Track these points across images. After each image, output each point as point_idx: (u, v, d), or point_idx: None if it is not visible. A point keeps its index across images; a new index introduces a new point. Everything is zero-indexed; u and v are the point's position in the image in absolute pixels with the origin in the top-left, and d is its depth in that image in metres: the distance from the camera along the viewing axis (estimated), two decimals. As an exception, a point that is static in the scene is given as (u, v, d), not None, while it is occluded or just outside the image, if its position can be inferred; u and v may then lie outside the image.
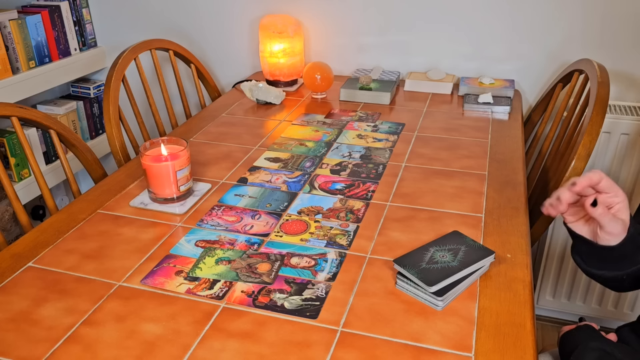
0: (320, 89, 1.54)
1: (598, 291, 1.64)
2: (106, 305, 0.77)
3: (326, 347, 0.69)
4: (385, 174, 1.13)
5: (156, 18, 1.90)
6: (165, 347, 0.70)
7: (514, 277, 0.82)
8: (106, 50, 2.01)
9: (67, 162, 1.22)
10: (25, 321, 0.74)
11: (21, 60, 1.67)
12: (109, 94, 1.37)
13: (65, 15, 1.82)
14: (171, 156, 1.00)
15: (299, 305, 0.77)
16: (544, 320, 1.79)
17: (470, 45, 1.66)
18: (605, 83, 1.23)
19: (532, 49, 1.61)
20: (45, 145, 1.79)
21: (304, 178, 1.12)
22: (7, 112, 1.12)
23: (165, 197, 1.01)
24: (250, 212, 0.99)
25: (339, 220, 0.97)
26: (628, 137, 1.49)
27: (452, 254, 0.82)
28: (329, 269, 0.84)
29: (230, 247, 0.90)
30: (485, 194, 1.05)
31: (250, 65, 1.89)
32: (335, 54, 1.79)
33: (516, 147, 1.25)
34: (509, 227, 0.94)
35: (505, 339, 0.70)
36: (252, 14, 1.81)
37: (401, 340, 0.71)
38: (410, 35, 1.70)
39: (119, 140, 1.34)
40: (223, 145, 1.27)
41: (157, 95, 1.90)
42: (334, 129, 1.35)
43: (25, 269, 0.85)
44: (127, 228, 0.96)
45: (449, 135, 1.32)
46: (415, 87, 1.62)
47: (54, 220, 0.98)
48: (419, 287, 0.77)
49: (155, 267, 0.85)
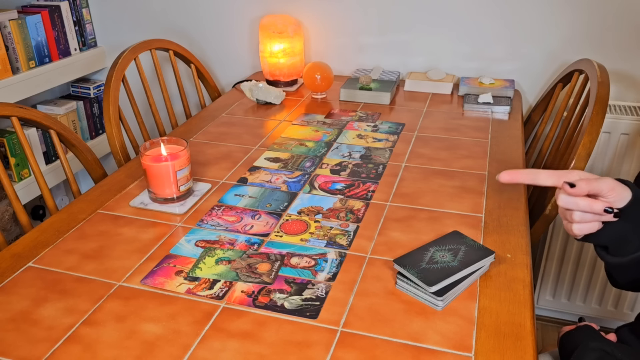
0: (320, 89, 1.55)
1: (598, 291, 1.64)
2: (106, 305, 0.77)
3: (326, 347, 0.69)
4: (385, 174, 1.13)
5: (156, 18, 1.90)
6: (165, 347, 0.70)
7: (514, 277, 0.82)
8: (106, 50, 2.01)
9: (67, 162, 1.22)
10: (25, 321, 0.74)
11: (21, 60, 1.67)
12: (109, 94, 1.37)
13: (65, 15, 1.82)
14: (171, 156, 1.00)
15: (299, 305, 0.77)
16: (544, 320, 1.79)
17: (470, 45, 1.66)
18: (605, 83, 1.23)
19: (532, 49, 1.61)
20: (45, 145, 1.80)
21: (304, 178, 1.12)
22: (7, 112, 1.12)
23: (165, 197, 1.01)
24: (250, 212, 0.99)
25: (339, 220, 0.97)
26: (628, 137, 1.49)
27: (452, 254, 0.82)
28: (329, 269, 0.84)
29: (230, 247, 0.90)
30: (485, 194, 1.05)
31: (250, 65, 1.89)
32: (335, 54, 1.79)
33: (516, 147, 1.25)
34: (509, 227, 0.94)
35: (505, 339, 0.70)
36: (252, 14, 1.81)
37: (401, 340, 0.71)
38: (410, 35, 1.70)
39: (119, 140, 1.34)
40: (223, 145, 1.27)
41: (157, 95, 1.90)
42: (334, 129, 1.35)
43: (25, 269, 0.85)
44: (127, 228, 0.96)
45: (449, 135, 1.32)
46: (415, 87, 1.62)
47: (54, 220, 0.98)
48: (419, 287, 0.77)
49: (155, 267, 0.85)
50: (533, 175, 0.76)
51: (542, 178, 0.76)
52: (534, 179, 0.76)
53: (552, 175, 0.75)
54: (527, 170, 0.77)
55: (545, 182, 0.76)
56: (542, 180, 0.76)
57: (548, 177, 0.75)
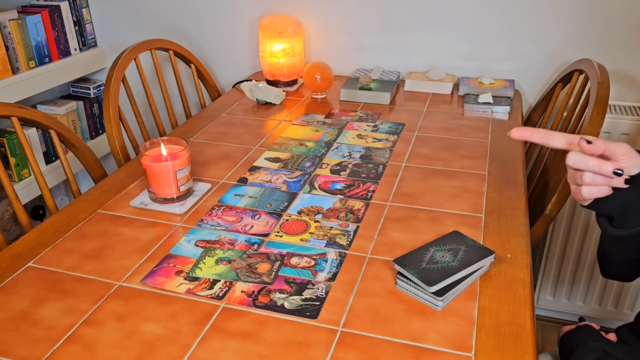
0: (320, 89, 1.55)
1: (598, 291, 1.64)
2: (106, 305, 0.77)
3: (326, 347, 0.69)
4: (385, 174, 1.13)
5: (156, 18, 1.90)
6: (165, 347, 0.70)
7: (514, 277, 0.82)
8: (106, 50, 2.01)
9: (67, 162, 1.22)
10: (25, 321, 0.74)
11: (21, 60, 1.67)
12: (109, 94, 1.37)
13: (65, 15, 1.82)
14: (171, 156, 1.00)
15: (299, 305, 0.77)
16: (544, 320, 1.79)
17: (470, 45, 1.66)
18: (605, 83, 1.23)
19: (532, 49, 1.61)
20: (45, 145, 1.80)
21: (304, 178, 1.12)
22: (7, 112, 1.12)
23: (165, 197, 1.01)
24: (250, 212, 0.99)
25: (339, 220, 0.97)
26: (628, 137, 1.49)
27: (452, 254, 0.82)
28: (329, 269, 0.84)
29: (230, 247, 0.90)
30: (485, 194, 1.05)
31: (250, 65, 1.89)
32: (335, 54, 1.79)
33: (516, 147, 1.25)
34: (509, 227, 0.94)
35: (505, 339, 0.70)
36: (252, 14, 1.81)
37: (401, 340, 0.71)
38: (410, 35, 1.70)
39: (119, 140, 1.34)
40: (223, 145, 1.27)
41: (157, 95, 1.90)
42: (334, 129, 1.35)
43: (25, 269, 0.85)
44: (127, 228, 0.96)
45: (449, 135, 1.32)
46: (415, 87, 1.62)
47: (54, 220, 0.98)
48: (419, 287, 0.77)
49: (155, 267, 0.85)
50: (545, 135, 0.74)
51: (556, 138, 0.73)
52: (546, 139, 0.74)
53: (565, 136, 0.73)
54: (540, 129, 0.76)
55: (558, 144, 0.73)
56: (555, 140, 0.73)
57: (561, 137, 0.73)
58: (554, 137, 0.74)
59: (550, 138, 0.74)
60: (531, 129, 0.75)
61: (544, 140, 0.75)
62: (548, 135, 0.74)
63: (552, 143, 0.74)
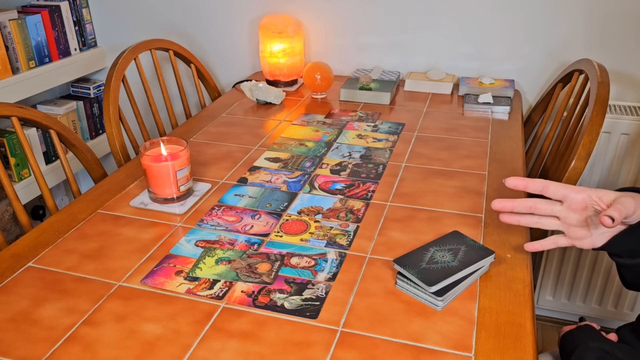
0: (320, 89, 1.55)
1: (598, 291, 1.64)
2: (106, 305, 0.77)
3: (326, 347, 0.69)
4: (385, 174, 1.13)
5: (156, 18, 1.90)
6: (165, 347, 0.70)
7: (514, 277, 0.82)
8: (106, 50, 2.01)
9: (67, 162, 1.22)
10: (25, 321, 0.74)
11: (21, 60, 1.67)
12: (109, 94, 1.37)
13: (65, 15, 1.82)
14: (171, 156, 1.00)
15: (299, 305, 0.77)
16: (544, 320, 1.79)
17: (470, 45, 1.66)
18: (605, 83, 1.23)
19: (532, 49, 1.61)
20: (45, 145, 1.80)
21: (304, 178, 1.12)
22: (7, 112, 1.12)
23: (165, 197, 1.01)
24: (250, 212, 0.99)
25: (339, 220, 0.97)
26: (628, 137, 1.49)
27: (452, 254, 0.82)
28: (329, 269, 0.84)
29: (230, 247, 0.90)
30: (485, 194, 1.05)
31: (250, 65, 1.89)
32: (335, 54, 1.79)
33: (516, 147, 1.25)
34: (509, 227, 0.94)
35: (505, 339, 0.70)
36: (252, 14, 1.81)
37: (401, 340, 0.71)
38: (410, 35, 1.70)
39: (119, 140, 1.34)
40: (223, 145, 1.27)
41: (157, 95, 1.90)
42: (334, 129, 1.35)
43: (25, 269, 0.85)
44: (127, 228, 0.96)
45: (449, 135, 1.32)
46: (415, 87, 1.62)
47: (54, 220, 0.98)
48: (419, 287, 0.77)
49: (155, 267, 0.85)
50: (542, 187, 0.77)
51: (552, 190, 0.77)
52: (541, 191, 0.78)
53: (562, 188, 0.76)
54: (536, 180, 0.78)
55: (554, 195, 0.77)
56: (551, 193, 0.77)
57: (557, 189, 0.76)
58: (550, 189, 0.77)
59: (547, 190, 0.77)
60: (526, 180, 0.78)
61: (539, 192, 0.78)
62: (544, 188, 0.78)
63: (549, 195, 0.77)
